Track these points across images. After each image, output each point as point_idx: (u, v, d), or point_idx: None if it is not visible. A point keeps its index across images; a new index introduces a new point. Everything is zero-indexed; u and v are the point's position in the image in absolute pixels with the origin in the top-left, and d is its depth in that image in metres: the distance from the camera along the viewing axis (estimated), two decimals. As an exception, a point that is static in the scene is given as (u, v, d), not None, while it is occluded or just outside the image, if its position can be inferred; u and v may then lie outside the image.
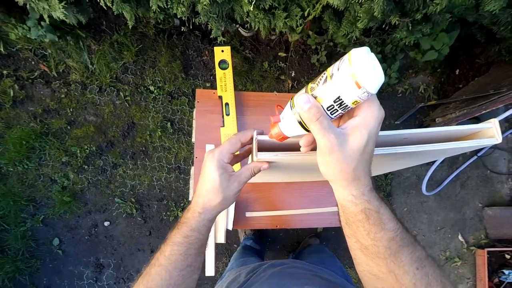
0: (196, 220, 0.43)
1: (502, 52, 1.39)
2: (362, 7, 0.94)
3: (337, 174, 0.33)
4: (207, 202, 0.43)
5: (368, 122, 0.31)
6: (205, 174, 0.43)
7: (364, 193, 0.34)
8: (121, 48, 1.53)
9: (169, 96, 1.59)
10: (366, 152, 0.32)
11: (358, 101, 0.29)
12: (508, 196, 1.81)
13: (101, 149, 1.61)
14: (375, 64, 0.28)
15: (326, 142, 0.31)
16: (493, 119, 0.47)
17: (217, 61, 0.85)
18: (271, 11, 1.06)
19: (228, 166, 0.44)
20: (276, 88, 1.60)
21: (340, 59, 0.29)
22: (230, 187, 0.43)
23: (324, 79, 0.30)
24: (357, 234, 0.35)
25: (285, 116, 0.35)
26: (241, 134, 0.44)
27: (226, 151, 0.43)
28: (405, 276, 0.33)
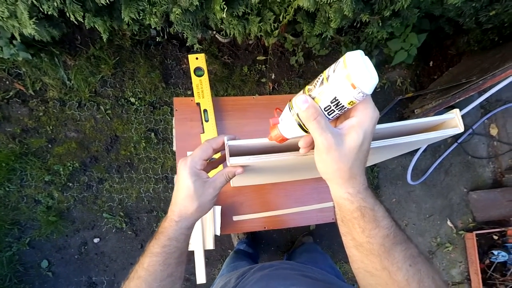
0: (173, 229, 0.43)
1: (470, 42, 1.45)
2: (332, 8, 0.97)
3: (333, 173, 0.34)
4: (183, 210, 0.43)
5: (363, 123, 0.32)
6: (179, 182, 0.43)
7: (359, 191, 0.35)
8: (98, 62, 1.52)
9: (150, 106, 1.58)
10: (362, 151, 0.34)
11: (354, 101, 0.30)
12: (491, 179, 1.88)
13: (85, 165, 1.58)
14: (368, 66, 0.29)
15: (324, 141, 0.32)
16: (455, 110, 0.49)
17: (193, 69, 0.86)
18: (244, 17, 1.08)
19: (202, 172, 0.44)
20: (257, 91, 1.62)
21: (336, 62, 0.30)
22: (205, 193, 0.43)
23: (320, 81, 0.31)
24: (352, 232, 0.36)
25: (284, 118, 0.36)
26: (212, 141, 0.45)
27: (198, 158, 0.43)
28: (398, 272, 0.34)
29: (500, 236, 1.83)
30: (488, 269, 1.80)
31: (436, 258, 1.86)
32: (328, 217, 0.93)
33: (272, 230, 1.72)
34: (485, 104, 1.83)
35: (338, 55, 1.65)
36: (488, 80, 1.14)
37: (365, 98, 0.31)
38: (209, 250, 1.67)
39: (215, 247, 1.67)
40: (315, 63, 1.65)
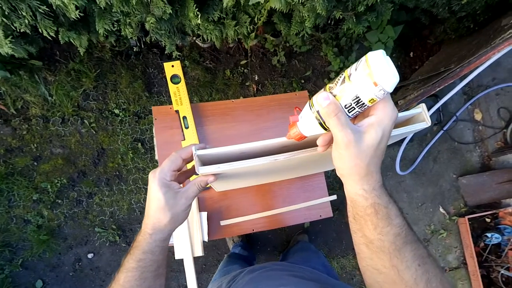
0: (148, 242, 0.43)
1: (447, 31, 1.48)
2: (305, 7, 0.97)
3: (351, 169, 0.35)
4: (156, 222, 0.43)
5: (382, 121, 0.33)
6: (150, 195, 0.43)
7: (375, 188, 0.35)
8: (79, 75, 1.50)
9: (135, 116, 1.57)
10: (380, 149, 0.34)
11: (375, 99, 0.31)
12: (478, 163, 1.91)
13: (73, 180, 1.56)
14: (390, 64, 0.29)
15: (343, 137, 0.32)
16: (422, 104, 0.49)
17: (169, 76, 0.86)
18: (220, 22, 1.08)
19: (173, 183, 0.43)
20: (241, 93, 1.62)
21: (357, 61, 0.31)
22: (178, 203, 0.43)
23: (342, 79, 0.32)
24: (364, 229, 0.36)
25: (303, 116, 0.37)
26: (182, 151, 0.44)
27: (167, 169, 0.43)
28: (406, 271, 0.34)
29: (492, 219, 1.85)
30: (483, 252, 1.82)
31: (431, 245, 1.88)
32: (315, 215, 0.93)
33: (267, 231, 1.72)
34: (467, 90, 1.86)
35: (319, 52, 1.66)
36: (465, 67, 1.16)
37: (384, 97, 0.32)
38: (205, 257, 1.68)
39: (211, 252, 1.68)
40: (297, 61, 1.66)
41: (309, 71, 1.68)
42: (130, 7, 0.89)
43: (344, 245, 1.79)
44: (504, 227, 1.80)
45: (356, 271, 1.79)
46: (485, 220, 1.86)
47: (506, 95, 1.84)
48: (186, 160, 0.45)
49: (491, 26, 1.21)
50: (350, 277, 1.80)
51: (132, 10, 0.92)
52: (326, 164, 0.81)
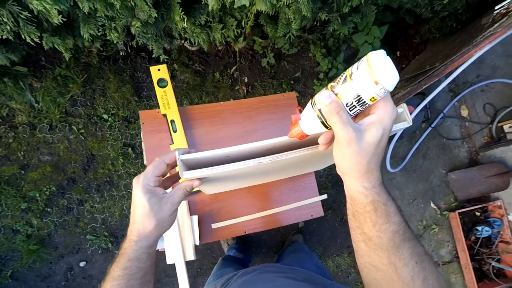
0: (133, 249, 0.42)
1: (432, 30, 1.51)
2: (291, 9, 0.98)
3: (352, 166, 0.35)
4: (141, 229, 0.42)
5: (383, 120, 0.33)
6: (134, 201, 0.43)
7: (375, 186, 0.36)
8: (66, 81, 1.48)
9: (125, 121, 1.55)
10: (380, 147, 0.35)
11: (376, 97, 0.32)
12: (466, 159, 1.95)
13: (63, 187, 1.53)
14: (390, 64, 0.30)
15: (345, 134, 0.33)
16: (403, 104, 0.50)
17: (155, 80, 0.85)
18: (207, 25, 1.08)
19: (157, 189, 0.43)
20: (231, 96, 1.62)
21: (359, 61, 0.31)
22: (163, 209, 0.43)
23: (343, 78, 0.32)
24: (363, 226, 0.37)
25: (305, 114, 0.37)
26: (165, 156, 0.44)
27: (151, 175, 0.43)
28: (404, 268, 0.35)
29: (482, 212, 1.90)
30: (474, 245, 1.86)
31: (424, 240, 1.90)
32: (306, 215, 0.94)
33: (262, 232, 1.72)
34: (453, 87, 1.90)
35: (307, 53, 1.68)
36: (448, 65, 1.19)
37: (384, 96, 0.32)
38: (200, 260, 1.67)
39: (206, 255, 1.67)
40: (286, 63, 1.67)
41: (299, 72, 1.69)
42: (114, 12, 0.89)
43: (339, 243, 1.80)
44: (493, 220, 1.85)
45: (352, 269, 1.80)
46: (475, 214, 1.90)
47: (490, 91, 1.89)
48: (170, 165, 0.45)
49: (473, 25, 1.24)
50: (345, 275, 1.81)
51: (116, 15, 0.92)
52: (314, 164, 0.82)
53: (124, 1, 0.80)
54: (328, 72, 1.64)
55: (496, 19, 0.96)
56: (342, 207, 1.81)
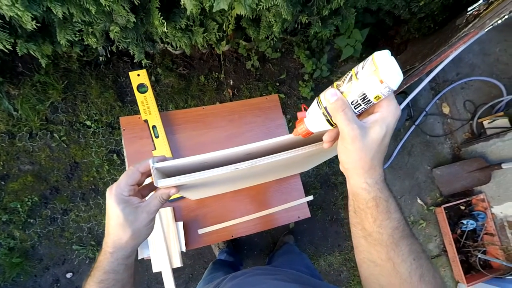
0: (109, 261, 0.41)
1: (411, 31, 1.55)
2: (271, 12, 0.99)
3: (355, 162, 0.36)
4: (116, 240, 0.41)
5: (386, 118, 0.34)
6: (108, 212, 0.41)
7: (377, 182, 0.36)
8: (45, 88, 1.44)
9: (109, 127, 1.52)
10: (383, 145, 0.35)
11: (380, 96, 0.32)
12: (450, 155, 2.00)
13: (45, 197, 1.49)
14: (394, 64, 0.31)
15: (350, 131, 0.33)
16: None
17: (135, 86, 0.84)
18: (188, 29, 1.07)
19: (132, 198, 0.42)
20: (217, 99, 1.61)
21: (364, 60, 0.32)
22: (139, 219, 0.42)
23: (349, 77, 0.33)
24: (364, 222, 0.38)
25: (311, 112, 0.38)
26: (139, 164, 0.43)
27: (124, 185, 0.42)
28: (402, 264, 0.36)
29: (466, 206, 1.95)
30: (460, 238, 1.91)
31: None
32: (294, 216, 0.94)
33: (253, 235, 1.72)
34: (434, 85, 1.95)
35: (292, 55, 1.69)
36: (427, 65, 1.22)
37: (388, 96, 0.33)
38: (192, 266, 1.65)
39: (197, 260, 1.65)
40: (271, 65, 1.68)
41: (284, 74, 1.70)
42: (91, 17, 0.87)
43: (330, 242, 1.82)
44: (477, 213, 1.90)
45: (343, 267, 1.82)
46: (460, 208, 1.95)
47: (470, 89, 1.95)
48: (146, 174, 0.44)
49: (449, 26, 1.28)
50: (337, 274, 1.83)
51: (94, 20, 0.90)
52: (299, 167, 0.83)
53: (100, 6, 0.79)
54: (313, 73, 1.65)
55: (469, 20, 0.99)
56: (332, 207, 1.82)
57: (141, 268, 1.58)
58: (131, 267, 0.44)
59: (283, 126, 0.94)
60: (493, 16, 0.86)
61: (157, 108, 0.85)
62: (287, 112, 1.74)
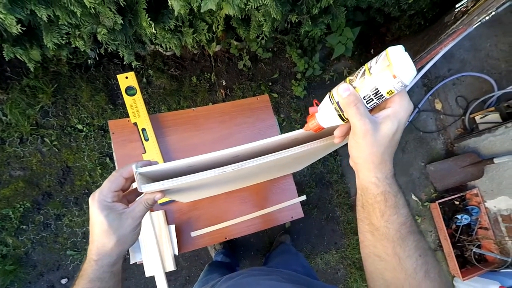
0: (94, 269, 0.40)
1: (402, 28, 1.55)
2: (260, 12, 0.98)
3: (366, 157, 0.36)
4: (101, 247, 0.41)
5: (398, 113, 0.34)
6: (91, 219, 0.41)
7: (387, 177, 0.36)
8: (35, 92, 1.42)
9: (101, 130, 1.51)
10: (394, 140, 0.35)
11: (393, 91, 0.32)
12: (443, 150, 2.02)
13: (38, 203, 1.47)
14: (408, 59, 0.31)
15: (362, 126, 0.33)
16: None
17: (123, 88, 0.83)
18: (177, 30, 1.06)
19: (116, 205, 0.41)
20: (210, 100, 1.60)
21: (378, 55, 0.32)
22: (124, 225, 0.41)
23: (362, 72, 0.33)
24: (371, 216, 0.38)
25: (322, 107, 0.38)
26: (122, 169, 0.43)
27: (107, 191, 0.41)
28: (408, 260, 0.36)
29: (461, 201, 1.97)
30: (455, 233, 1.92)
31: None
32: (287, 217, 0.94)
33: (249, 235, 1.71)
34: (426, 82, 1.96)
35: (284, 54, 1.69)
36: (417, 62, 1.22)
37: (401, 91, 0.33)
38: (188, 268, 1.64)
39: (194, 262, 1.65)
40: (263, 64, 1.68)
41: (276, 73, 1.70)
42: (77, 19, 0.86)
43: (326, 240, 1.82)
44: (472, 208, 1.92)
45: (340, 265, 1.82)
46: (454, 203, 1.97)
47: (461, 84, 1.97)
48: (130, 179, 0.43)
49: (439, 23, 1.28)
50: (334, 272, 1.83)
51: (80, 22, 0.88)
52: (290, 167, 0.82)
53: (85, 8, 0.77)
54: (305, 72, 1.65)
55: (458, 16, 1.00)
56: (327, 205, 1.83)
57: (138, 272, 1.57)
58: (117, 275, 0.44)
59: (274, 126, 0.94)
60: (480, 12, 0.86)
61: (146, 111, 0.84)
62: (280, 111, 1.74)
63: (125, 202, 0.45)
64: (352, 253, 1.82)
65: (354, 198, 1.87)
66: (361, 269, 1.83)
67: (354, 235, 1.83)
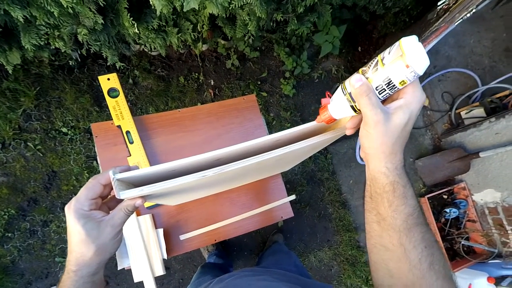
0: (73, 280, 0.39)
1: (387, 25, 1.57)
2: (244, 11, 0.97)
3: (377, 147, 0.36)
4: (80, 257, 0.39)
5: (410, 104, 0.34)
6: (68, 229, 0.39)
7: (397, 168, 0.36)
8: (16, 95, 1.37)
9: (87, 133, 1.47)
10: (406, 130, 0.36)
11: (405, 81, 0.32)
12: (431, 146, 2.06)
13: (23, 209, 1.43)
14: (421, 49, 0.31)
15: (373, 116, 0.33)
16: None
17: (106, 91, 0.81)
18: (161, 29, 1.04)
19: (94, 213, 0.40)
20: (199, 100, 1.59)
21: (391, 46, 0.32)
22: (103, 233, 0.40)
23: (375, 63, 0.34)
24: (379, 206, 0.38)
25: (335, 99, 0.38)
26: (100, 176, 0.41)
27: (84, 199, 0.40)
28: (413, 251, 0.36)
29: (449, 195, 2.00)
30: (444, 226, 1.96)
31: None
32: (277, 216, 0.94)
33: (242, 235, 1.71)
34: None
35: (272, 53, 1.68)
36: (403, 59, 1.23)
37: (414, 81, 0.33)
38: (182, 270, 1.62)
39: (187, 265, 1.63)
40: (251, 63, 1.67)
41: (265, 72, 1.69)
42: (56, 19, 0.83)
43: (319, 238, 1.83)
44: (460, 201, 1.96)
45: (334, 261, 1.84)
46: (443, 197, 2.01)
47: (447, 80, 2.00)
48: (109, 186, 0.42)
49: (423, 20, 1.30)
50: (328, 269, 1.85)
51: (59, 22, 0.86)
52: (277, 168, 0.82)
53: (63, 8, 0.75)
54: (294, 70, 1.65)
55: (440, 14, 1.01)
56: (319, 203, 1.84)
57: (129, 277, 1.54)
58: (99, 284, 0.42)
59: (262, 126, 0.93)
60: (461, 10, 0.87)
61: (130, 113, 0.82)
62: (270, 110, 1.74)
63: (105, 210, 0.43)
64: (345, 250, 1.83)
65: (345, 195, 1.89)
66: (354, 265, 1.85)
67: (346, 232, 1.85)
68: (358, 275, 1.84)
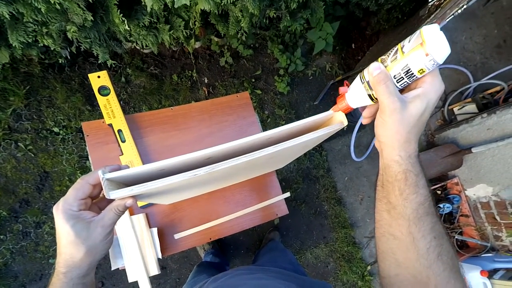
0: (62, 282, 0.38)
1: (381, 22, 1.57)
2: (237, 7, 0.97)
3: (392, 136, 0.36)
4: (69, 259, 0.38)
5: (428, 93, 0.34)
6: (57, 230, 0.38)
7: (410, 156, 0.36)
8: (5, 94, 1.35)
9: (79, 133, 1.45)
10: (422, 120, 0.35)
11: (424, 69, 0.32)
12: (424, 141, 2.08)
13: (15, 211, 1.41)
14: (443, 37, 0.30)
15: (390, 103, 0.33)
16: None
17: (96, 89, 0.79)
18: (153, 26, 1.03)
19: (83, 213, 0.39)
20: (193, 98, 1.57)
21: (412, 34, 0.32)
22: (93, 234, 0.39)
23: (394, 51, 0.33)
24: (390, 195, 0.38)
25: (352, 87, 0.39)
26: (89, 176, 0.40)
27: (73, 199, 0.39)
28: (422, 240, 0.36)
29: (442, 190, 2.03)
30: (438, 221, 1.99)
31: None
32: (272, 214, 0.94)
33: (238, 233, 1.71)
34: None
35: (266, 50, 1.67)
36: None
37: (433, 70, 0.33)
38: (178, 270, 1.62)
39: (183, 264, 1.62)
40: (245, 61, 1.66)
41: (259, 69, 1.68)
42: (44, 16, 0.81)
43: (315, 235, 1.84)
44: (453, 197, 1.98)
45: (330, 258, 1.85)
46: (436, 193, 2.03)
47: (440, 77, 2.02)
48: (98, 185, 0.41)
49: (416, 16, 1.30)
50: (324, 265, 1.86)
51: (47, 19, 0.84)
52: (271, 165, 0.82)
53: (50, 4, 0.73)
54: (288, 67, 1.65)
55: (432, 10, 1.01)
56: (315, 200, 1.84)
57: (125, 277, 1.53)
58: (90, 286, 0.42)
59: (255, 123, 0.93)
60: (452, 6, 0.88)
61: (121, 111, 0.81)
62: (264, 108, 1.73)
63: (96, 210, 0.43)
64: (341, 246, 1.85)
65: (340, 192, 1.90)
66: (350, 262, 1.86)
67: (342, 228, 1.86)
68: (354, 271, 1.85)
